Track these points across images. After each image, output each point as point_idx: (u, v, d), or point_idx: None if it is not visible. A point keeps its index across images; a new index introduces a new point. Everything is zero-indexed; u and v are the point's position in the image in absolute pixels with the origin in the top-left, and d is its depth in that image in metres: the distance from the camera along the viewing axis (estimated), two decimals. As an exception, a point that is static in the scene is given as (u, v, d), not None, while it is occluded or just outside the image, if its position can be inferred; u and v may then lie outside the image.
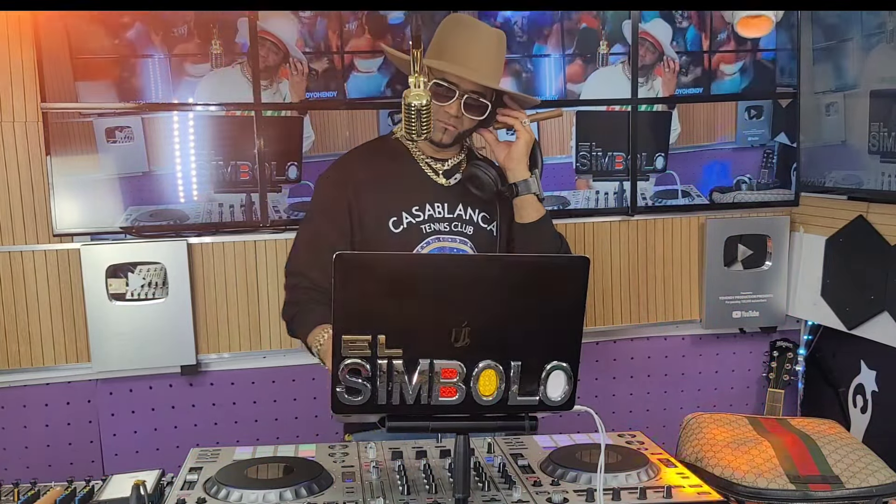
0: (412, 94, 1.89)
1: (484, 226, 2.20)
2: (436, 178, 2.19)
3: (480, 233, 2.19)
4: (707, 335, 3.34)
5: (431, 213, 2.15)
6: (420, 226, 2.13)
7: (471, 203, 2.18)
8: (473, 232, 2.18)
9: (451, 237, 2.15)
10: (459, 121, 2.10)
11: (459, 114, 2.08)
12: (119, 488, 1.65)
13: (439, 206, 2.16)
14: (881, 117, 2.78)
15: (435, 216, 2.15)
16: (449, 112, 2.08)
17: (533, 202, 2.14)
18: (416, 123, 1.96)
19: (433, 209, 2.15)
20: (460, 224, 2.17)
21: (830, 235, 3.05)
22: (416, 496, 1.59)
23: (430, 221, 2.14)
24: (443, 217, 2.16)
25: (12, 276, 2.72)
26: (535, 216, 2.15)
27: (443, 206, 2.16)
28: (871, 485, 2.37)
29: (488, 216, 2.20)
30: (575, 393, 1.45)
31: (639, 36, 3.05)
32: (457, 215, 2.17)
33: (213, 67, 2.76)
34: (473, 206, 2.18)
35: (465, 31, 2.11)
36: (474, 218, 2.19)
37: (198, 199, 2.80)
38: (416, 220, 2.13)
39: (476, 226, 2.18)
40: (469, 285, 1.39)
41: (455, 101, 2.07)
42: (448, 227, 2.16)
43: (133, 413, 2.89)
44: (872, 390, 2.98)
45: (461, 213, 2.18)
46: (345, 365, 1.37)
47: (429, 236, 2.13)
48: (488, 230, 2.20)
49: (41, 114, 2.65)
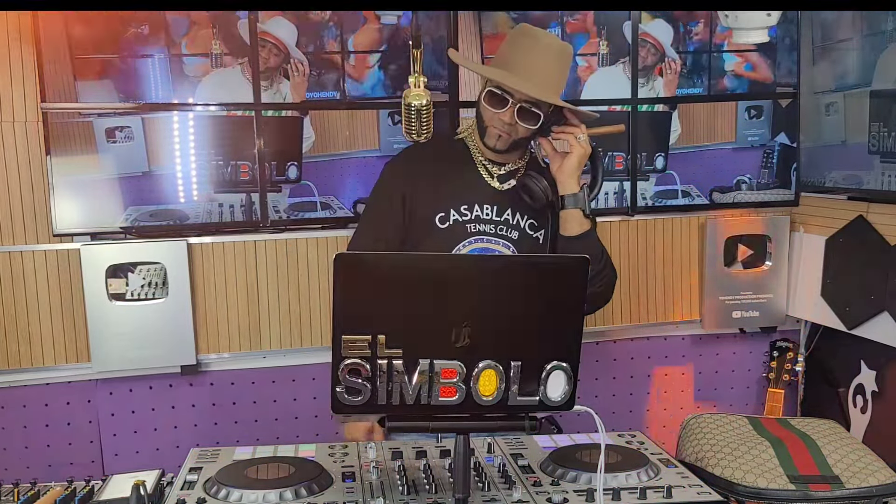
0: (412, 94, 1.90)
1: (530, 232, 2.24)
2: (490, 180, 2.24)
3: (525, 239, 2.23)
4: (707, 335, 3.34)
5: (479, 214, 2.20)
6: (465, 224, 2.19)
7: (521, 209, 2.22)
8: (518, 237, 2.22)
9: (494, 239, 2.20)
10: (513, 128, 2.14)
11: (513, 121, 2.11)
12: (119, 488, 1.65)
13: (488, 208, 2.21)
14: (881, 117, 2.78)
15: (482, 217, 2.21)
16: (503, 119, 2.12)
17: (577, 216, 2.16)
18: (415, 123, 1.97)
19: (481, 210, 2.21)
20: (506, 228, 2.22)
21: (830, 235, 3.05)
22: (416, 496, 1.59)
23: (475, 222, 2.20)
24: (490, 219, 2.21)
25: (12, 276, 2.72)
26: (577, 230, 2.17)
27: (492, 208, 2.21)
28: (871, 485, 2.37)
29: (536, 224, 2.25)
30: (575, 393, 1.45)
31: (639, 37, 3.05)
32: (504, 219, 2.22)
33: (213, 67, 2.76)
34: (523, 213, 2.23)
35: (527, 41, 2.15)
36: (521, 224, 2.23)
37: (198, 199, 2.80)
38: (463, 219, 2.19)
39: (522, 231, 2.23)
40: (469, 285, 1.39)
41: (508, 109, 2.11)
42: (493, 230, 2.21)
43: (133, 413, 2.89)
44: (872, 390, 2.98)
45: (509, 217, 2.22)
46: (345, 365, 1.37)
47: (472, 235, 2.19)
48: (534, 237, 2.25)
49: (41, 114, 2.65)
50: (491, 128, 2.16)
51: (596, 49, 3.04)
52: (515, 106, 2.10)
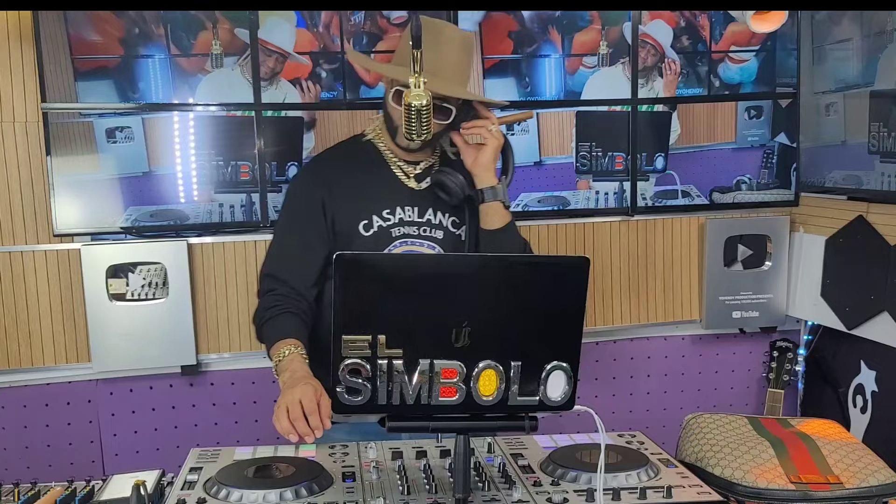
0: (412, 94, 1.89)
1: (453, 230, 2.18)
2: (407, 181, 2.17)
3: (450, 237, 2.18)
4: (707, 335, 3.34)
5: (402, 217, 2.14)
6: (390, 229, 2.12)
7: (441, 207, 2.17)
8: (443, 236, 2.17)
9: (420, 241, 2.14)
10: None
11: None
12: (119, 488, 1.65)
13: (409, 210, 2.15)
14: (881, 117, 2.78)
15: (405, 219, 2.14)
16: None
17: (498, 209, 2.12)
18: (416, 124, 1.96)
19: (403, 212, 2.14)
20: (430, 228, 2.16)
21: (830, 235, 3.05)
22: (416, 496, 1.59)
23: (399, 225, 2.13)
24: (413, 220, 2.14)
25: (13, 277, 2.72)
26: (499, 223, 2.13)
27: (413, 209, 2.15)
28: (871, 485, 2.37)
29: (458, 221, 2.19)
30: (575, 393, 1.45)
31: (639, 38, 3.05)
32: (426, 219, 2.16)
33: (213, 68, 2.76)
34: (444, 211, 2.17)
35: (428, 35, 2.04)
36: (444, 222, 2.18)
37: (198, 200, 2.80)
38: (387, 224, 2.12)
39: (446, 230, 2.17)
40: (469, 285, 1.39)
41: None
42: (417, 231, 2.14)
43: (133, 413, 2.89)
44: (872, 390, 2.98)
45: (431, 217, 2.16)
46: (345, 365, 1.37)
47: (398, 239, 2.12)
48: (457, 234, 2.19)
49: (41, 114, 2.65)
50: (402, 127, 2.07)
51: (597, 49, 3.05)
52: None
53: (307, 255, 2.11)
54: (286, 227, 2.19)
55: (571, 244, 3.11)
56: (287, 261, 2.12)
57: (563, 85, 3.03)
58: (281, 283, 2.09)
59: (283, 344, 1.96)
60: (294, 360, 1.92)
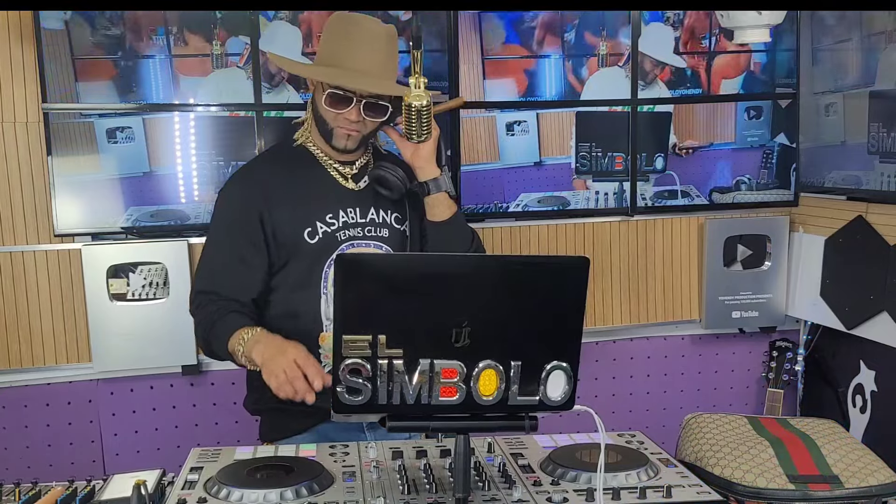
0: (412, 94, 1.90)
1: (397, 226, 2.17)
2: (345, 182, 2.15)
3: (395, 234, 2.16)
4: (707, 335, 3.34)
5: (346, 220, 2.11)
6: (335, 234, 2.10)
7: (382, 205, 2.15)
8: (389, 234, 2.15)
9: (366, 242, 2.12)
10: (362, 125, 2.07)
11: (360, 118, 2.04)
12: (120, 488, 1.65)
13: (352, 212, 2.12)
14: (881, 118, 2.78)
15: (349, 222, 2.12)
16: (349, 118, 2.05)
17: (444, 200, 2.12)
18: (416, 124, 1.96)
19: (346, 215, 2.12)
20: (374, 228, 2.14)
21: (830, 235, 3.05)
22: (416, 496, 1.59)
23: (344, 228, 2.11)
24: (356, 222, 2.12)
25: (13, 277, 2.72)
26: (447, 214, 2.13)
27: (355, 210, 2.13)
28: (870, 485, 2.37)
29: (401, 216, 2.18)
30: (575, 393, 1.46)
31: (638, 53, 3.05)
32: (370, 219, 2.14)
33: (214, 68, 2.76)
34: (385, 208, 2.16)
35: (352, 29, 2.05)
36: (387, 220, 2.16)
37: (199, 200, 2.80)
38: (332, 229, 2.10)
39: (390, 227, 2.16)
40: (469, 285, 1.40)
41: (354, 107, 2.03)
42: (362, 232, 2.12)
43: (134, 413, 2.89)
44: (872, 390, 2.99)
45: (374, 216, 2.15)
46: (345, 365, 1.37)
47: (344, 243, 2.10)
48: (402, 230, 2.18)
49: (42, 114, 2.66)
50: (337, 129, 2.07)
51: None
52: (360, 102, 2.02)
53: (243, 271, 2.07)
54: (218, 243, 2.12)
55: (571, 244, 3.12)
56: (220, 275, 2.07)
57: (564, 85, 3.04)
58: (214, 295, 2.05)
59: (240, 331, 1.93)
60: (262, 333, 1.90)
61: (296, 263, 2.10)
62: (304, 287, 2.09)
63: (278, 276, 2.12)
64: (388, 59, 2.08)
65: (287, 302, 2.11)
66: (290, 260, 2.09)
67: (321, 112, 2.08)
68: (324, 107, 2.05)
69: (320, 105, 2.07)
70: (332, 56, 2.06)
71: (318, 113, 2.09)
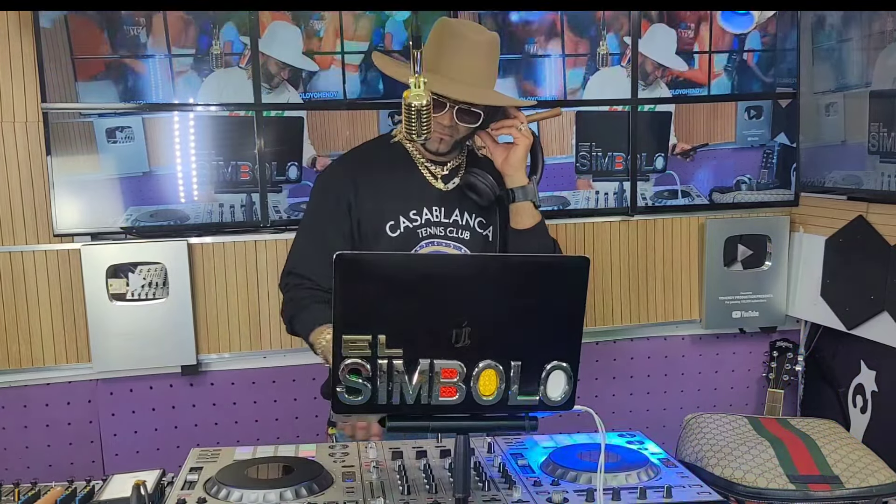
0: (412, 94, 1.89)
1: (480, 231, 2.19)
2: (434, 182, 2.18)
3: (476, 238, 2.18)
4: (707, 335, 3.34)
5: (429, 218, 2.14)
6: (417, 230, 2.13)
7: (468, 208, 2.17)
8: (470, 237, 2.17)
9: (446, 242, 2.14)
10: (454, 129, 2.09)
11: (453, 123, 2.07)
12: (119, 488, 1.65)
13: (437, 210, 2.15)
14: (881, 117, 2.78)
15: (432, 220, 2.15)
16: (442, 123, 2.06)
17: (529, 208, 2.13)
18: (416, 124, 1.95)
19: (430, 213, 2.15)
20: (456, 229, 2.16)
21: (830, 235, 3.05)
22: (416, 496, 1.59)
23: (426, 226, 2.14)
24: (439, 221, 2.15)
25: (13, 277, 2.72)
26: (530, 222, 2.14)
27: (440, 210, 2.16)
28: (870, 485, 2.37)
29: (485, 221, 2.20)
30: (575, 393, 1.45)
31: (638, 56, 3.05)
32: (453, 220, 2.16)
33: (213, 68, 2.76)
34: (470, 211, 2.18)
35: (455, 40, 2.07)
36: (471, 223, 2.18)
37: (198, 200, 2.80)
38: (413, 225, 2.13)
39: (472, 231, 2.18)
40: (469, 285, 1.39)
41: (447, 112, 2.05)
42: (444, 232, 2.15)
43: (133, 413, 2.89)
44: (872, 390, 2.98)
45: (458, 218, 2.17)
46: (345, 365, 1.37)
47: (424, 240, 2.13)
48: (484, 235, 2.20)
49: (41, 114, 2.66)
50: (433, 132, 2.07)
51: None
52: (454, 108, 2.04)
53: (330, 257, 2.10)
54: (310, 227, 2.20)
55: (571, 244, 3.11)
56: (309, 260, 2.13)
57: (563, 85, 3.03)
58: (305, 279, 2.11)
59: (325, 328, 1.97)
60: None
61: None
62: None
63: None
64: (486, 67, 2.09)
65: None
66: (372, 250, 2.11)
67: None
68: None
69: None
70: (434, 62, 2.08)
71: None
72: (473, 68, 2.06)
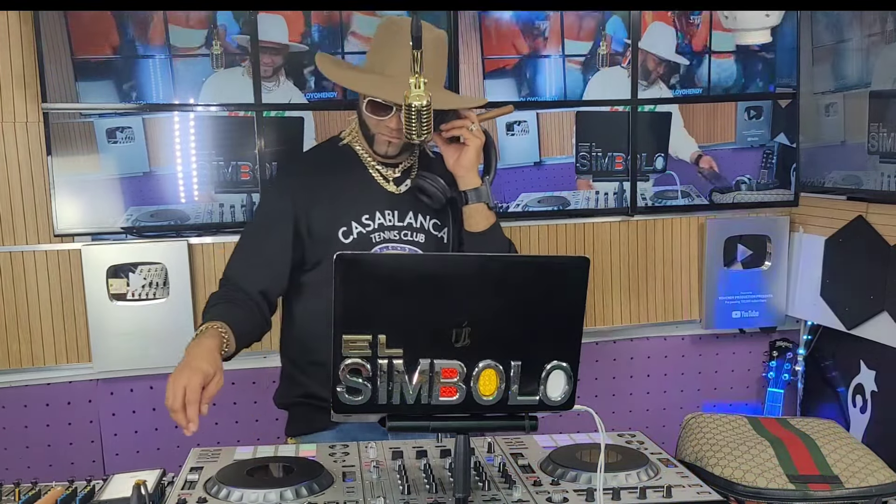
0: (412, 94, 1.89)
1: (435, 233, 2.16)
2: (386, 185, 2.14)
3: (431, 240, 2.15)
4: (707, 335, 3.34)
5: (382, 222, 2.11)
6: (370, 235, 2.09)
7: (422, 210, 2.14)
8: (425, 240, 2.14)
9: (401, 245, 2.11)
10: (402, 132, 2.02)
11: (400, 126, 2.00)
12: (120, 488, 1.65)
13: (389, 214, 2.11)
14: (880, 117, 2.79)
15: (385, 224, 2.11)
16: (390, 126, 2.03)
17: (483, 210, 2.10)
18: (416, 124, 1.95)
19: (383, 217, 2.11)
20: (410, 232, 2.13)
21: (830, 235, 3.05)
22: (416, 496, 1.59)
23: (380, 230, 2.10)
24: (393, 225, 2.11)
25: (13, 276, 2.72)
26: (484, 225, 2.11)
27: (393, 213, 2.12)
28: (870, 485, 2.37)
29: (439, 223, 2.17)
30: (575, 393, 1.46)
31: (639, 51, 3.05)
32: (407, 223, 2.13)
33: (214, 68, 2.76)
34: (424, 213, 2.14)
35: (399, 38, 2.00)
36: (425, 225, 2.15)
37: (199, 200, 2.80)
38: (367, 230, 2.09)
39: (427, 233, 2.15)
40: (469, 285, 1.40)
41: (394, 115, 2.01)
42: (398, 236, 2.11)
43: (134, 413, 2.89)
44: (872, 390, 2.99)
45: (411, 220, 2.13)
46: (345, 365, 1.37)
47: (378, 245, 2.09)
48: (439, 237, 2.16)
49: (42, 114, 2.66)
50: (379, 135, 2.06)
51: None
52: (401, 111, 1.97)
53: (259, 268, 2.09)
54: (251, 234, 2.16)
55: (571, 244, 3.12)
56: (244, 268, 2.10)
57: (564, 85, 3.04)
58: (233, 284, 2.08)
59: (205, 325, 1.93)
60: (204, 336, 1.87)
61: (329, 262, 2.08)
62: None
63: (311, 274, 2.13)
64: (434, 67, 2.04)
65: (318, 300, 2.11)
66: (324, 258, 2.09)
67: (363, 117, 2.08)
68: (365, 113, 2.05)
69: (362, 111, 2.06)
70: (379, 63, 2.05)
71: (362, 118, 2.09)
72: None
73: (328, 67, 2.28)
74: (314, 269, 2.13)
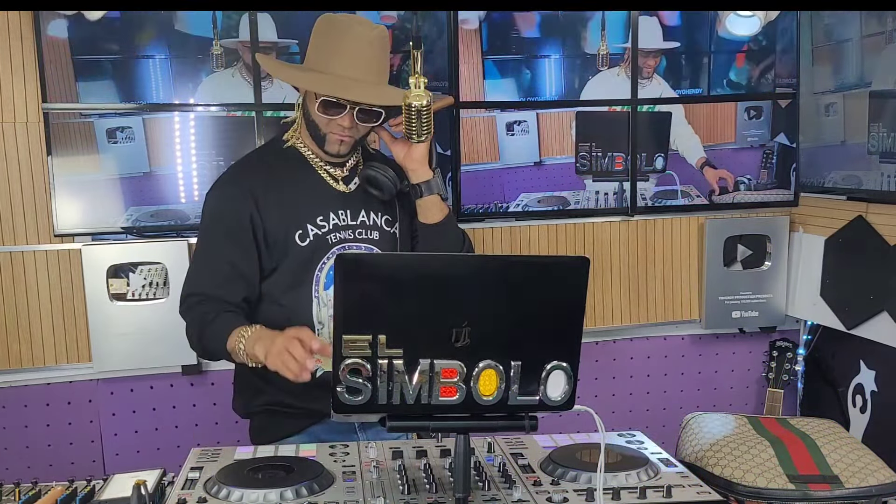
0: (412, 94, 1.89)
1: (388, 229, 2.15)
2: (335, 185, 2.12)
3: (385, 236, 2.14)
4: (707, 335, 3.34)
5: (336, 222, 2.08)
6: (326, 236, 2.07)
7: (373, 207, 2.13)
8: (379, 237, 2.13)
9: (357, 245, 2.10)
10: (354, 130, 2.03)
11: (353, 124, 2.01)
12: (120, 488, 1.65)
13: (343, 214, 2.09)
14: (880, 117, 2.79)
15: (340, 224, 2.09)
16: (342, 125, 2.01)
17: (437, 202, 2.10)
18: (416, 124, 1.95)
19: (337, 217, 2.09)
20: (365, 230, 2.12)
21: (830, 235, 3.05)
22: (416, 496, 1.59)
23: (335, 231, 2.08)
24: (347, 224, 2.10)
25: (13, 277, 2.72)
26: (439, 216, 2.11)
27: (346, 213, 2.10)
28: (870, 484, 2.37)
29: (391, 218, 2.16)
30: (575, 393, 1.46)
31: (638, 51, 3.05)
32: (360, 221, 2.11)
33: (213, 68, 2.76)
34: (376, 210, 2.13)
35: (344, 36, 1.99)
36: (378, 222, 2.14)
37: (198, 200, 2.80)
38: (322, 231, 2.07)
39: (381, 230, 2.14)
40: (469, 285, 1.40)
41: (347, 114, 2.00)
42: (353, 235, 2.10)
43: (134, 413, 2.89)
44: (872, 390, 2.99)
45: (364, 218, 2.12)
46: (345, 365, 1.37)
47: (334, 246, 2.07)
48: (392, 233, 2.15)
49: (42, 114, 2.66)
50: (330, 134, 2.03)
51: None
52: (354, 109, 1.97)
53: (233, 275, 2.03)
54: (206, 249, 2.08)
55: (571, 244, 3.12)
56: (210, 280, 2.03)
57: (563, 85, 3.04)
58: (207, 297, 2.02)
59: (240, 329, 1.90)
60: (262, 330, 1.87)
61: (286, 267, 2.07)
62: (295, 290, 2.06)
63: (269, 280, 2.09)
64: (380, 63, 2.04)
65: (278, 306, 2.07)
66: (281, 263, 2.06)
67: (313, 117, 2.04)
68: (316, 113, 2.02)
69: (312, 111, 2.03)
70: (323, 62, 2.02)
71: (310, 117, 2.05)
72: (369, 67, 2.00)
73: (276, 67, 2.25)
74: (272, 276, 2.08)
